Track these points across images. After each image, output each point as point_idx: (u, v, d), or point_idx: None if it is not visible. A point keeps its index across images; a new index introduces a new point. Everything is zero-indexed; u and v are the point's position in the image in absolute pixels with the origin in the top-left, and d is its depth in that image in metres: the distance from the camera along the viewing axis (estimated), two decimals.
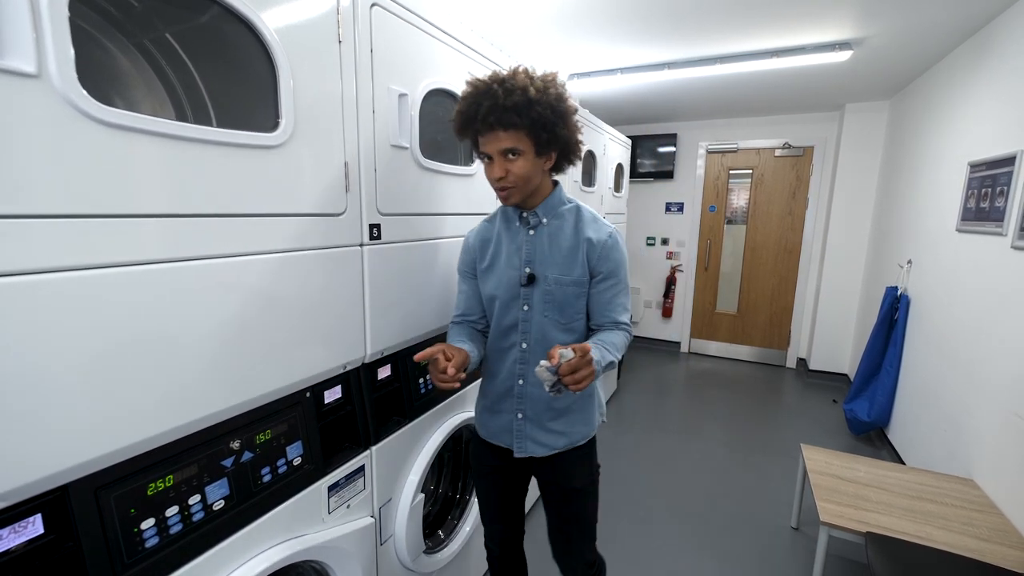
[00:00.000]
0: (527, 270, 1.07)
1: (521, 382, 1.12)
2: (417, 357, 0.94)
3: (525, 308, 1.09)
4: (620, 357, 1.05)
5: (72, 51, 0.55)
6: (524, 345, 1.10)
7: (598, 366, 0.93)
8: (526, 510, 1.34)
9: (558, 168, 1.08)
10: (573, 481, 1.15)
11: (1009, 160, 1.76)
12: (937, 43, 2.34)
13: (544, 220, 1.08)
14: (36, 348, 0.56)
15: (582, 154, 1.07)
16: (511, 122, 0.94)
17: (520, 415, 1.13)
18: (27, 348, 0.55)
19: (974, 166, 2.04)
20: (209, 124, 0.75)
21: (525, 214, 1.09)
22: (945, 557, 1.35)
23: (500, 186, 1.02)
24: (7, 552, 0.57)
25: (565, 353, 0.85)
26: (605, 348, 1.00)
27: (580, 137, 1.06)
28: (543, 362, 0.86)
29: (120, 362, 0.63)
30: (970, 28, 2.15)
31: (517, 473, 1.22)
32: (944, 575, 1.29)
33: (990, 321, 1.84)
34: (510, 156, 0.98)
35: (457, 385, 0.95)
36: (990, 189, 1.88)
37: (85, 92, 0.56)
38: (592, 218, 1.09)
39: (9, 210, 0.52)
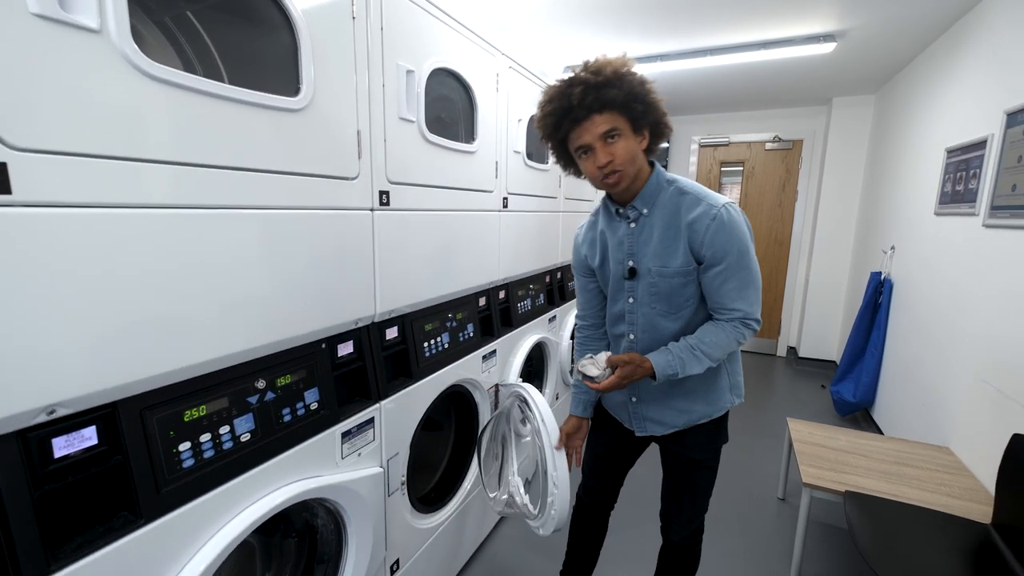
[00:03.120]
0: (629, 263, 1.09)
1: None
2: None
3: (631, 300, 1.11)
4: (713, 357, 1.03)
5: (127, 11, 0.63)
6: (632, 336, 1.14)
7: (662, 372, 1.03)
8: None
9: (651, 150, 1.06)
10: (692, 452, 1.17)
11: (981, 144, 1.86)
12: (917, 36, 2.44)
13: (644, 211, 1.06)
14: (101, 273, 0.63)
15: (670, 132, 1.07)
16: (609, 99, 0.94)
17: (635, 398, 1.18)
18: (91, 274, 0.62)
19: (951, 151, 2.14)
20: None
21: (623, 209, 1.08)
22: (917, 511, 1.44)
23: (607, 172, 1.00)
24: (68, 456, 0.64)
25: (599, 374, 1.05)
26: (684, 355, 1.02)
27: (664, 110, 1.03)
28: (588, 360, 1.07)
29: (165, 293, 0.71)
30: (947, 20, 2.25)
31: (630, 443, 1.26)
32: (915, 526, 1.38)
33: (964, 296, 1.94)
34: (610, 140, 0.98)
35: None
36: (964, 172, 1.98)
37: (138, 48, 0.64)
38: (696, 198, 1.02)
39: (86, 149, 0.61)
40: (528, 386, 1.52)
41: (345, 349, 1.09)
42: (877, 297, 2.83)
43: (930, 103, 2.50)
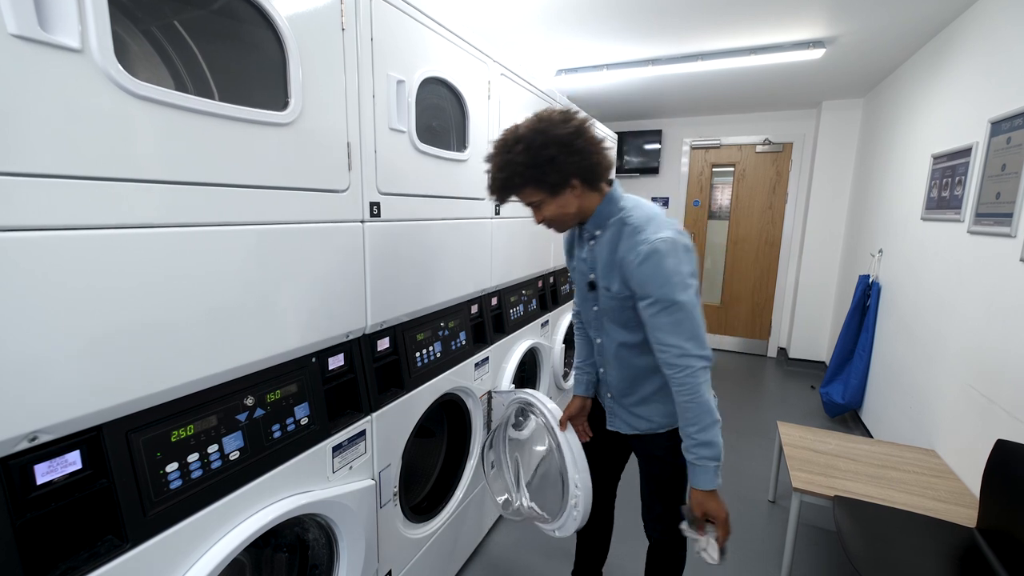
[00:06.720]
0: (591, 276, 1.17)
1: (602, 370, 1.26)
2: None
3: (595, 309, 1.20)
4: (700, 415, 1.05)
5: (110, 30, 0.61)
6: (599, 340, 1.23)
7: (710, 478, 1.10)
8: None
9: (592, 186, 1.07)
10: (653, 449, 1.25)
11: (966, 151, 1.88)
12: (903, 42, 2.47)
13: (597, 232, 1.12)
14: (86, 295, 0.62)
15: (611, 165, 1.09)
16: (514, 187, 1.05)
17: (609, 395, 1.28)
18: (75, 296, 0.61)
19: (936, 158, 2.17)
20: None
21: (581, 228, 1.17)
22: (904, 516, 1.46)
23: (545, 226, 1.12)
24: (51, 483, 0.63)
25: (717, 558, 1.11)
26: (692, 448, 1.08)
27: (597, 151, 1.03)
28: (703, 552, 1.11)
29: (152, 313, 0.70)
30: (933, 28, 2.28)
31: (616, 441, 1.33)
32: (902, 530, 1.40)
33: (949, 302, 1.96)
34: (535, 206, 1.08)
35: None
36: (950, 179, 2.01)
37: (121, 67, 0.63)
38: (632, 231, 1.04)
39: (70, 171, 0.59)
40: (533, 392, 1.52)
41: (336, 362, 1.08)
42: (865, 300, 2.86)
43: (916, 109, 2.53)
